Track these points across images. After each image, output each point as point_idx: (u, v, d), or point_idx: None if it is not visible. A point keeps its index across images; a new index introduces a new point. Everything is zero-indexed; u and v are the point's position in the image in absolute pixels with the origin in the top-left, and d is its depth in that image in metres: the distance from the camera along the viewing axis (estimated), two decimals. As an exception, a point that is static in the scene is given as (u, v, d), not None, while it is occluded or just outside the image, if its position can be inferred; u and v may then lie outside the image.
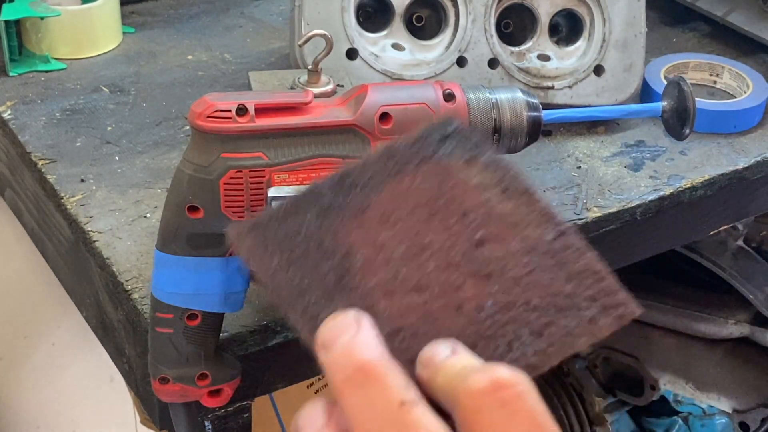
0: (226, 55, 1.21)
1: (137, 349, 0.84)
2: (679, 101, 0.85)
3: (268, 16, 1.31)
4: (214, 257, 0.71)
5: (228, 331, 0.80)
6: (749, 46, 1.24)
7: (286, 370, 0.87)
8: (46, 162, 0.99)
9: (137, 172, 0.98)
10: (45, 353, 1.35)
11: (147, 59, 1.19)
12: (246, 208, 0.69)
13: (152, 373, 0.75)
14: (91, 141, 1.03)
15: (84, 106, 1.09)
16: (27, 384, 1.37)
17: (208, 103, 0.68)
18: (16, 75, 1.14)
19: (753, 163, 1.05)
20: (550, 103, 1.05)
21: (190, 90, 1.13)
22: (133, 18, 1.28)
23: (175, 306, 0.72)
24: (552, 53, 1.08)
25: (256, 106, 0.68)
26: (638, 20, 1.08)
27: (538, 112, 0.75)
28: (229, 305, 0.73)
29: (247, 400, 0.86)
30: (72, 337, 1.33)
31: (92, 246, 0.88)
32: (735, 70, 1.15)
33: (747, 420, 1.57)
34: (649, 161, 1.04)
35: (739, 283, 1.40)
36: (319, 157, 0.69)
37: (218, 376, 0.75)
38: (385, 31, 1.05)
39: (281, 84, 0.95)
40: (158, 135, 1.04)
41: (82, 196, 0.94)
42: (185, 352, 0.73)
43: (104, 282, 0.88)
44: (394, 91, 0.71)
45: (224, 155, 0.68)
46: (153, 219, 0.91)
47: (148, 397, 0.83)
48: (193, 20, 1.29)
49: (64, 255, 0.98)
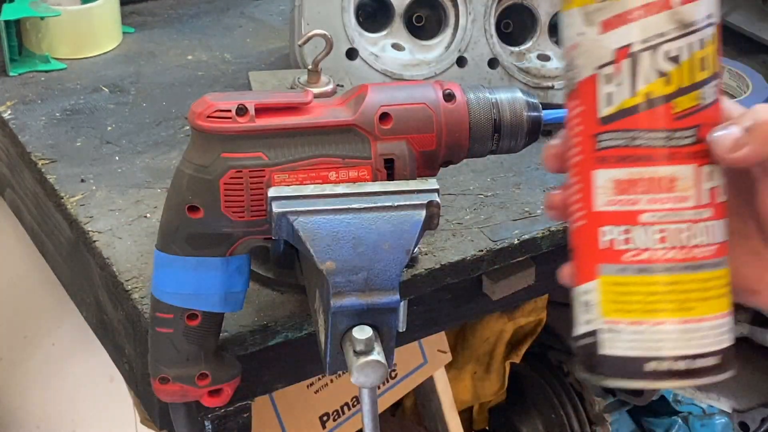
0: (226, 55, 1.21)
1: (137, 348, 0.84)
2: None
3: (268, 16, 1.31)
4: (214, 257, 0.71)
5: (228, 331, 0.80)
6: (749, 47, 1.24)
7: (286, 370, 0.87)
8: (46, 162, 0.99)
9: (137, 172, 0.98)
10: (45, 353, 1.35)
11: (147, 59, 1.19)
12: (246, 208, 0.69)
13: (152, 372, 0.75)
14: (91, 141, 1.03)
15: (84, 106, 1.09)
16: (27, 384, 1.37)
17: (208, 103, 0.68)
18: (16, 75, 1.14)
19: (753, 163, 1.05)
20: (550, 103, 1.05)
21: (190, 90, 1.13)
22: (133, 18, 1.28)
23: (175, 306, 0.72)
24: (552, 53, 1.08)
25: (256, 106, 0.68)
26: (638, 20, 1.07)
27: (538, 112, 0.75)
28: (229, 305, 0.73)
29: (247, 400, 0.86)
30: (72, 337, 1.33)
31: (92, 246, 0.88)
32: (735, 71, 1.15)
33: (747, 420, 1.57)
34: (649, 161, 1.04)
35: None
36: (319, 157, 0.69)
37: (218, 376, 0.75)
38: (385, 31, 1.05)
39: (281, 84, 0.95)
40: (158, 135, 1.04)
41: (82, 196, 0.94)
42: (185, 352, 0.73)
43: (104, 282, 0.88)
44: (394, 91, 0.71)
45: (224, 155, 0.68)
46: (153, 219, 0.91)
47: (148, 396, 0.83)
48: (193, 20, 1.29)
49: (64, 255, 0.98)
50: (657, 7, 0.54)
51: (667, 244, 0.55)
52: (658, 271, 0.55)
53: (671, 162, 0.55)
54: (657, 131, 0.55)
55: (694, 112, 0.55)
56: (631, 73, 0.55)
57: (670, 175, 0.55)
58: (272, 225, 0.67)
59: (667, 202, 0.55)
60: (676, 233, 0.55)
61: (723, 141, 0.55)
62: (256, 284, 0.84)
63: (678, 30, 0.54)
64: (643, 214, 0.55)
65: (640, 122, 0.55)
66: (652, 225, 0.55)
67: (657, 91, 0.55)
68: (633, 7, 0.54)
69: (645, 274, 0.55)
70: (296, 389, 1.15)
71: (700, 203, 0.55)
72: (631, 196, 0.55)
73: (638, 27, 0.54)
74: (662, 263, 0.55)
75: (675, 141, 0.55)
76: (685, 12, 0.54)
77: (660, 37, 0.54)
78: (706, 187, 0.56)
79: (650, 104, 0.55)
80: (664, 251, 0.55)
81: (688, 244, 0.55)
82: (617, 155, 0.56)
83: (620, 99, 0.55)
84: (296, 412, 1.20)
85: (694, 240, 0.55)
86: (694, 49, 0.55)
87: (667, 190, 0.55)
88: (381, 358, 0.63)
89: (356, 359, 0.63)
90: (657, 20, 0.54)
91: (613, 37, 0.55)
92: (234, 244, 0.71)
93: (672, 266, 0.55)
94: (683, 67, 0.55)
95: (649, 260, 0.55)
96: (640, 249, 0.55)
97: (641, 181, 0.55)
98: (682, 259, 0.55)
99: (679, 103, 0.55)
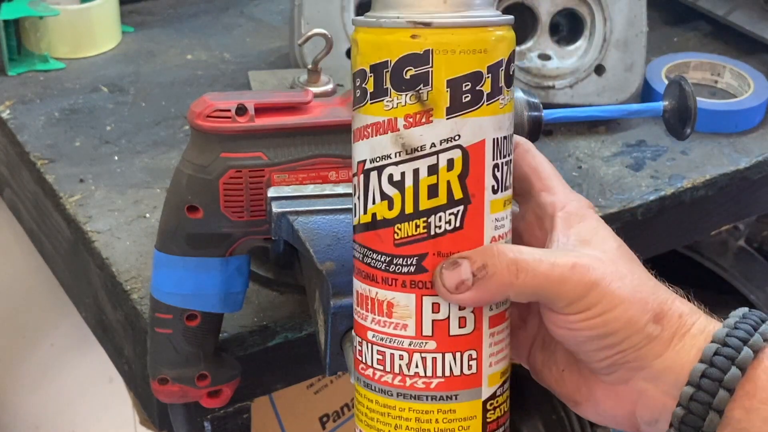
0: (225, 54, 1.20)
1: (136, 349, 0.84)
2: (681, 101, 0.85)
3: (268, 16, 1.30)
4: (214, 257, 0.70)
5: (227, 332, 0.79)
6: (750, 46, 1.24)
7: (285, 370, 0.87)
8: (45, 162, 0.99)
9: (136, 171, 0.98)
10: (44, 354, 1.35)
11: (146, 59, 1.19)
12: (245, 208, 0.69)
13: (151, 373, 0.75)
14: (90, 141, 1.02)
15: (83, 105, 1.09)
16: (26, 384, 1.37)
17: (208, 102, 0.68)
18: (15, 74, 1.14)
19: (754, 162, 1.05)
20: (550, 103, 1.05)
21: (190, 89, 1.12)
22: (133, 17, 1.28)
23: (175, 306, 0.72)
24: (552, 53, 1.08)
25: (255, 105, 0.68)
26: (639, 19, 1.07)
27: (538, 112, 0.74)
28: (229, 306, 0.73)
29: (247, 401, 0.85)
30: (71, 338, 1.33)
31: (91, 246, 0.88)
32: (736, 70, 1.15)
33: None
34: (650, 161, 1.03)
35: (741, 283, 1.40)
36: (319, 156, 0.69)
37: (218, 377, 0.75)
38: (385, 31, 1.05)
39: (281, 83, 0.95)
40: (157, 135, 1.04)
41: (81, 196, 0.94)
42: (184, 353, 0.73)
43: (103, 282, 0.87)
44: (394, 91, 0.71)
45: (224, 155, 0.68)
46: (152, 219, 0.91)
47: (148, 397, 0.83)
48: (192, 19, 1.29)
49: (63, 255, 0.98)
50: (383, 127, 0.51)
51: (385, 368, 0.53)
52: (376, 391, 0.54)
53: (389, 287, 0.53)
54: (380, 253, 0.52)
55: (417, 240, 0.52)
56: (364, 190, 0.52)
57: (389, 299, 0.53)
58: (272, 225, 0.67)
59: (387, 326, 0.53)
60: (394, 359, 0.53)
61: (446, 279, 0.51)
62: (255, 284, 0.83)
63: (402, 154, 0.51)
64: (368, 332, 0.54)
65: (368, 240, 0.53)
66: (374, 345, 0.54)
67: (380, 213, 0.52)
68: (365, 124, 0.52)
69: (368, 390, 0.55)
70: (296, 390, 1.15)
71: (421, 334, 0.53)
72: (362, 311, 0.54)
73: (369, 145, 0.52)
74: (379, 384, 0.54)
75: (394, 267, 0.52)
76: (409, 136, 0.51)
77: (384, 159, 0.51)
78: (428, 319, 0.52)
79: (375, 225, 0.52)
80: (382, 373, 0.54)
81: (407, 372, 0.53)
82: (357, 267, 0.54)
83: (359, 213, 0.53)
84: (296, 413, 1.20)
85: (414, 369, 0.53)
86: (421, 176, 0.51)
87: (386, 314, 0.53)
88: (381, 359, 0.63)
89: (356, 360, 0.63)
90: (382, 141, 0.51)
91: (357, 148, 0.53)
92: (233, 244, 0.70)
93: (388, 389, 0.53)
94: (407, 192, 0.51)
95: (371, 377, 0.54)
96: (366, 364, 0.54)
97: (368, 298, 0.53)
98: (398, 385, 0.53)
99: (400, 229, 0.52)
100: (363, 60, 0.51)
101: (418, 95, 0.50)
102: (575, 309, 0.52)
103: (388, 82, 0.51)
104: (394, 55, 0.50)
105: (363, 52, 0.51)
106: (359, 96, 0.52)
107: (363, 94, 0.52)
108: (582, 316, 0.52)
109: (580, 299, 0.52)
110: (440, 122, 0.51)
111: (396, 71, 0.50)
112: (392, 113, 0.51)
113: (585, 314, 0.52)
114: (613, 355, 0.53)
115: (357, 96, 0.52)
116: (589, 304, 0.52)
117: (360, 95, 0.52)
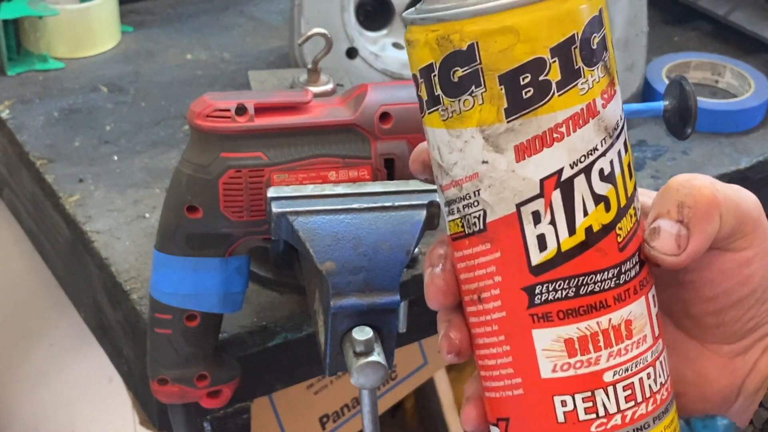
0: (225, 54, 1.20)
1: (136, 349, 0.83)
2: (681, 100, 0.85)
3: (268, 15, 1.30)
4: (213, 257, 0.70)
5: (227, 332, 0.79)
6: (751, 46, 1.24)
7: (285, 370, 0.87)
8: (45, 162, 0.98)
9: (136, 171, 0.98)
10: (43, 354, 1.35)
11: (146, 58, 1.19)
12: (245, 208, 0.68)
13: (151, 374, 0.74)
14: (90, 141, 1.02)
15: (82, 105, 1.08)
16: (25, 385, 1.37)
17: (208, 102, 0.68)
18: (14, 74, 1.13)
19: (755, 162, 1.04)
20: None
21: (189, 89, 1.12)
22: (132, 17, 1.28)
23: (174, 307, 0.72)
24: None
25: (255, 105, 0.68)
26: (640, 19, 1.07)
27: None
28: (228, 306, 0.73)
29: (247, 401, 0.85)
30: (70, 338, 1.33)
31: (91, 246, 0.88)
32: (737, 70, 1.14)
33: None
34: (651, 161, 1.03)
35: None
36: (319, 156, 0.69)
37: (217, 377, 0.75)
38: (385, 30, 1.05)
39: (281, 83, 0.95)
40: (157, 135, 1.04)
41: (81, 196, 0.94)
42: (184, 353, 0.73)
43: (103, 282, 0.87)
44: (394, 91, 0.71)
45: (223, 155, 0.68)
46: (152, 219, 0.91)
47: (147, 398, 0.83)
48: (192, 19, 1.29)
49: (63, 255, 0.98)
50: (583, 116, 0.42)
51: (637, 399, 0.45)
52: None
53: (623, 303, 0.44)
54: (606, 270, 0.44)
55: (634, 231, 0.45)
56: (566, 206, 0.42)
57: (626, 318, 0.44)
58: (272, 225, 0.67)
59: (629, 351, 0.45)
60: (643, 383, 0.45)
61: (666, 247, 0.45)
62: (255, 285, 0.83)
63: (606, 140, 0.43)
64: (605, 374, 0.44)
65: (585, 264, 0.43)
66: (617, 384, 0.45)
67: (597, 221, 0.43)
68: (554, 125, 0.42)
69: None
70: (296, 390, 1.15)
71: (654, 336, 0.46)
72: (589, 356, 0.44)
73: (563, 148, 0.42)
74: (634, 424, 0.45)
75: (624, 276, 0.44)
76: (607, 116, 0.43)
77: (591, 154, 0.42)
78: (654, 316, 0.46)
79: (594, 239, 0.43)
80: (635, 409, 0.45)
81: (655, 388, 0.46)
82: (562, 309, 0.44)
83: (557, 241, 0.43)
84: (296, 414, 1.20)
85: (659, 380, 0.46)
86: (622, 156, 0.44)
87: (626, 337, 0.44)
88: (381, 359, 0.63)
89: (356, 360, 0.63)
90: (585, 134, 0.42)
91: (533, 165, 0.42)
92: (233, 244, 0.70)
93: (645, 423, 0.45)
94: (619, 183, 0.43)
95: (621, 425, 0.45)
96: (609, 414, 0.45)
97: (596, 335, 0.44)
98: (651, 410, 0.45)
99: (621, 228, 0.44)
100: (531, 47, 0.41)
101: (605, 65, 0.43)
102: (758, 239, 0.46)
103: (579, 61, 0.41)
104: (579, 25, 0.41)
105: (533, 36, 0.41)
106: (533, 95, 0.41)
107: (541, 90, 0.41)
108: (761, 250, 0.46)
109: (763, 229, 0.46)
110: (618, 89, 0.44)
111: (584, 43, 0.41)
112: (589, 96, 0.42)
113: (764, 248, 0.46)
114: (762, 314, 0.48)
115: (526, 98, 0.41)
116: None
117: (533, 94, 0.41)
